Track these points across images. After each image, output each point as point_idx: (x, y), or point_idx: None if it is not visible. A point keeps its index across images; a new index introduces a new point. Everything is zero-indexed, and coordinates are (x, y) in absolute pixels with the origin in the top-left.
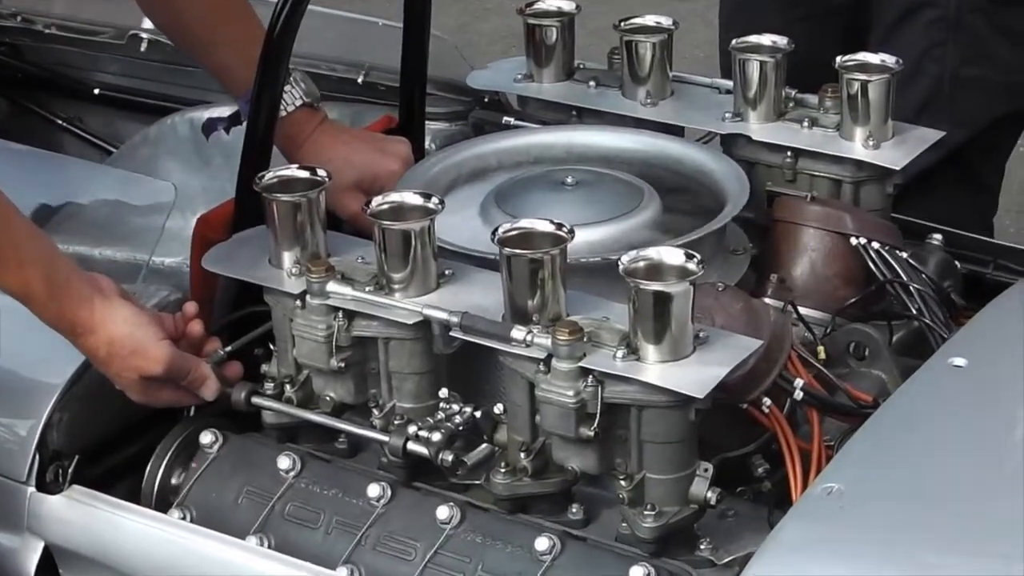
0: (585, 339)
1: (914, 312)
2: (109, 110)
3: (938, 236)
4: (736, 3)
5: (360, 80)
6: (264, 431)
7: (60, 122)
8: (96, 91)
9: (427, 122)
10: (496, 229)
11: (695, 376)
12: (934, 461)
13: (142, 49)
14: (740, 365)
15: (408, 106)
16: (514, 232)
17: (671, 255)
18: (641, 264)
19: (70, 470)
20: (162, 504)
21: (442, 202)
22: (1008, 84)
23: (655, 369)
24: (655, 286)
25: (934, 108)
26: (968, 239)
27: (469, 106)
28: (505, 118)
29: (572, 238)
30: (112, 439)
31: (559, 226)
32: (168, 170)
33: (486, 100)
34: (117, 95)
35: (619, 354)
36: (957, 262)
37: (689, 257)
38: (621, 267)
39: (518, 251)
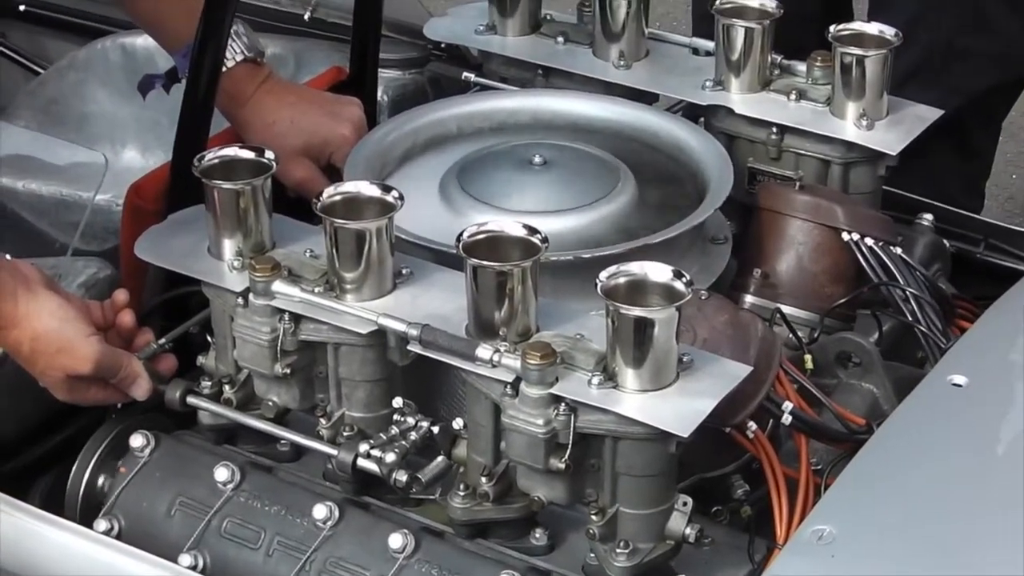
0: (558, 361)
1: (909, 319)
2: (35, 28)
3: (928, 216)
4: None
5: (307, 16)
6: (199, 429)
7: None
8: (21, 7)
9: (379, 70)
10: (460, 234)
11: (678, 409)
12: (934, 501)
13: None
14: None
15: (360, 56)
16: (480, 236)
17: (656, 271)
18: (621, 281)
19: None
20: (89, 510)
21: (401, 197)
22: (1002, 54)
23: (634, 400)
24: (636, 311)
25: (925, 76)
26: (958, 216)
27: (424, 52)
28: (465, 74)
29: (547, 247)
30: (31, 432)
31: (532, 231)
32: (97, 97)
33: (443, 46)
34: (44, 12)
35: (595, 380)
36: (946, 241)
37: (677, 276)
38: (599, 285)
39: (485, 263)
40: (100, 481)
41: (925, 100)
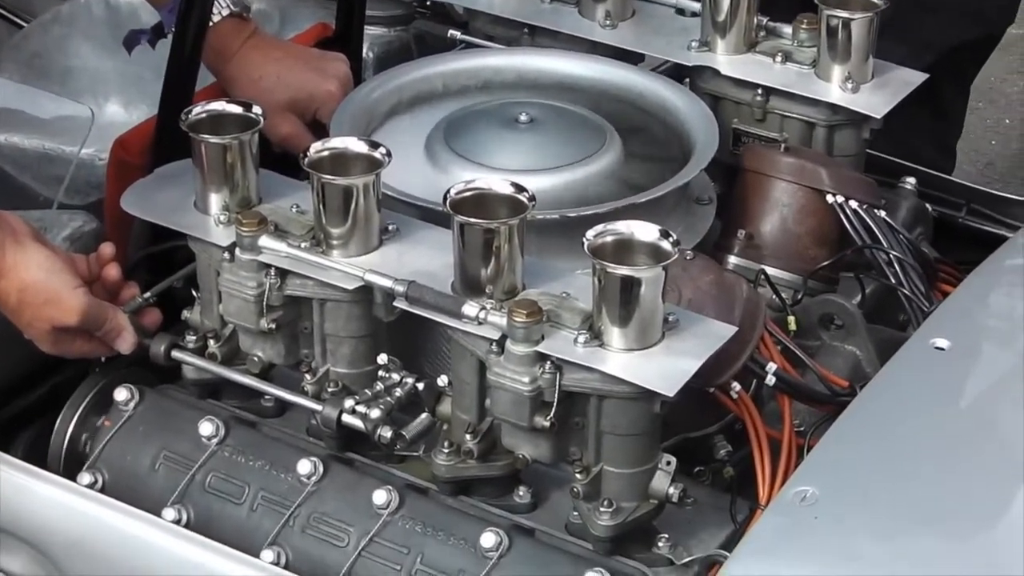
0: (544, 319)
1: (892, 282)
2: None
3: (911, 180)
4: None
5: None
6: (183, 383)
7: None
8: None
9: (364, 27)
10: (447, 192)
11: (664, 369)
12: (916, 463)
13: None
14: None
15: (347, 12)
16: (468, 193)
17: (643, 230)
18: (608, 240)
19: None
20: (72, 464)
21: (389, 153)
22: (973, 10)
23: (619, 358)
24: (623, 270)
25: (897, 29)
26: (941, 180)
27: (410, 9)
28: (451, 31)
29: (534, 204)
30: (14, 384)
31: (519, 189)
32: (81, 51)
33: (428, 3)
34: None
35: (580, 339)
36: (928, 205)
37: (664, 235)
38: (586, 243)
39: (472, 220)
40: (84, 434)
41: (898, 54)
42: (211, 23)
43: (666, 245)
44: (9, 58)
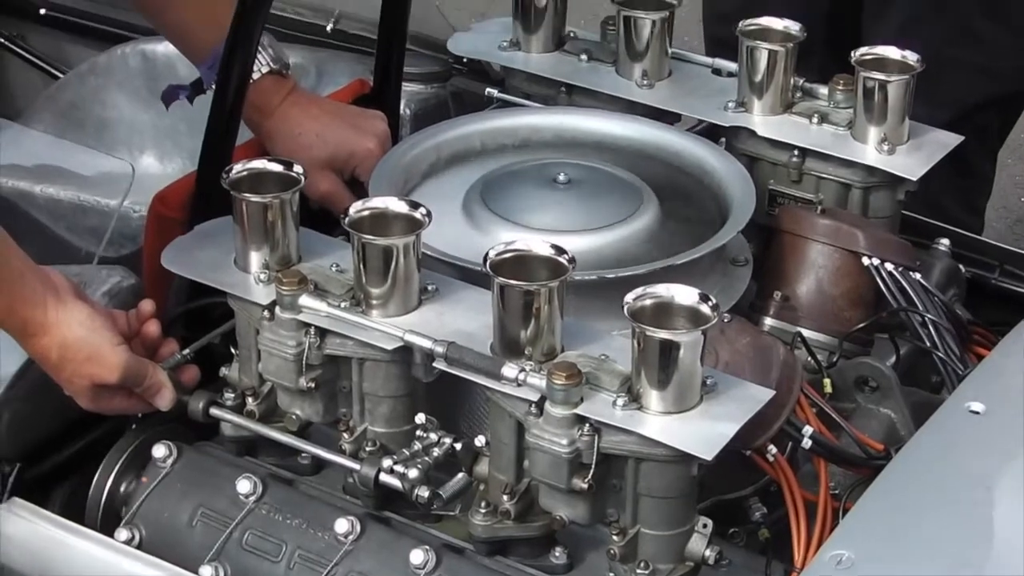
0: (583, 381)
1: (927, 344)
2: (55, 31)
3: (945, 241)
4: None
5: (329, 28)
6: (220, 439)
7: (1, 40)
8: (42, 11)
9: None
10: (488, 253)
11: (702, 432)
12: (952, 527)
13: None
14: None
15: (384, 69)
16: (508, 254)
17: (683, 294)
18: (648, 303)
19: (11, 479)
20: (109, 519)
21: (429, 214)
22: (992, 67)
23: (658, 421)
24: (663, 334)
25: (917, 87)
26: (973, 241)
27: (447, 66)
28: (488, 89)
29: (574, 267)
30: (53, 439)
31: (559, 251)
32: (117, 103)
33: (465, 61)
34: (64, 17)
35: (619, 401)
36: (961, 266)
37: (703, 299)
38: (626, 307)
39: (512, 282)
40: (122, 490)
41: (917, 112)
42: (252, 79)
43: (706, 309)
44: (45, 108)
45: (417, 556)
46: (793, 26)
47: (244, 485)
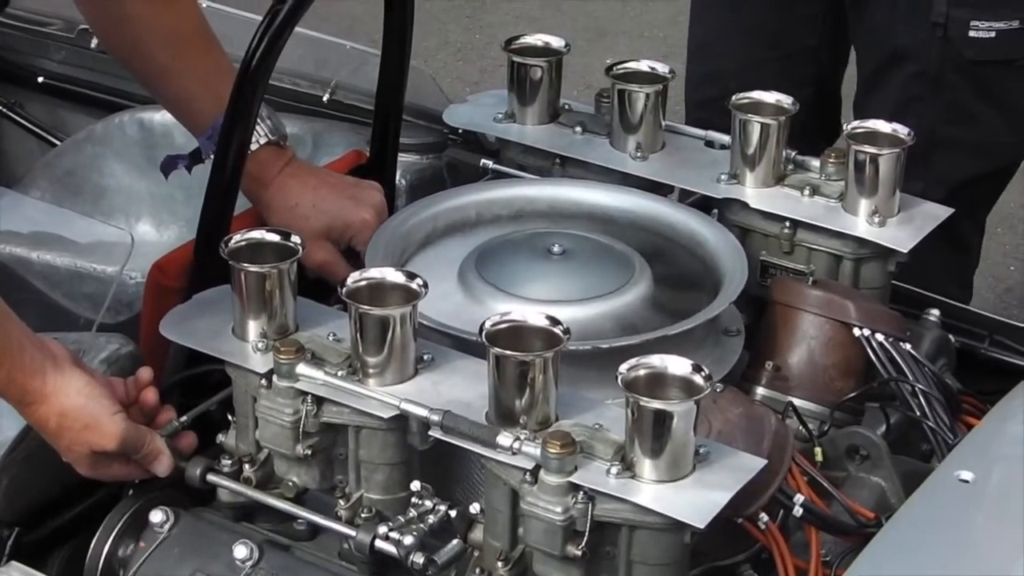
0: (578, 450)
1: (917, 414)
2: (53, 100)
3: (935, 311)
4: (703, 39)
5: (325, 98)
6: (217, 505)
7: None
8: (40, 79)
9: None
10: (483, 323)
11: (694, 500)
12: None
13: (92, 45)
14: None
15: (381, 139)
16: (503, 325)
17: (676, 364)
18: (642, 373)
19: (9, 543)
20: None
21: (425, 284)
22: (983, 145)
23: (651, 490)
24: (657, 404)
25: (910, 165)
26: (963, 311)
27: (442, 137)
28: (483, 160)
29: (568, 337)
30: (52, 502)
31: (554, 322)
32: (114, 171)
33: (460, 132)
34: (62, 85)
35: (613, 470)
36: (951, 336)
37: (696, 370)
38: (619, 377)
39: (508, 353)
40: (119, 554)
41: (910, 189)
42: (250, 150)
43: (698, 379)
44: (42, 176)
45: None
46: (785, 99)
47: (241, 550)
